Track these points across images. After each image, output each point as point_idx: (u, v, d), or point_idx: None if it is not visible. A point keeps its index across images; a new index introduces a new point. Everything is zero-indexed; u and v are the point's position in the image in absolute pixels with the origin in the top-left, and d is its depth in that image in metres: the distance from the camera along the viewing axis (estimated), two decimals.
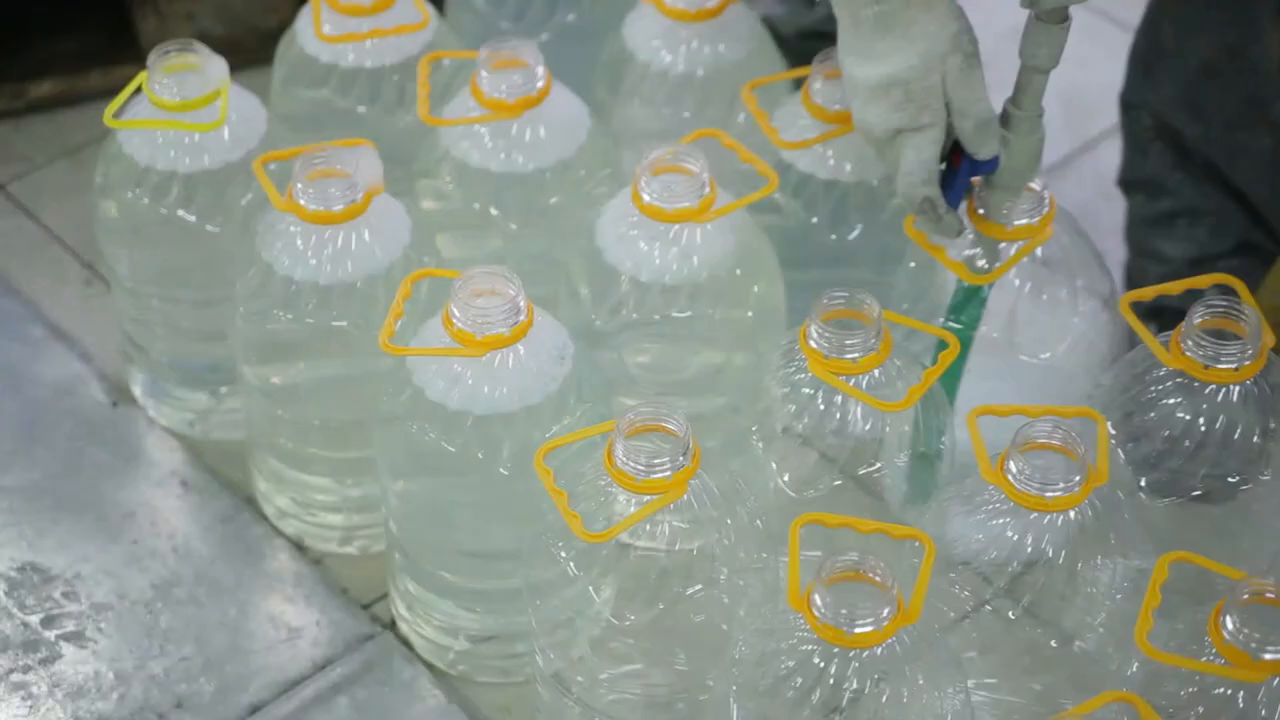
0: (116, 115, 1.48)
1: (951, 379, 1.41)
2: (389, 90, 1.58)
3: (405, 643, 1.47)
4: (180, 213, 1.49)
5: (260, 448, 1.52)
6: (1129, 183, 1.66)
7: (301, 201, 1.39)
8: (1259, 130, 1.56)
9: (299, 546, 1.53)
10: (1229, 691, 1.16)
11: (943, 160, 1.33)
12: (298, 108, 1.60)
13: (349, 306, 1.41)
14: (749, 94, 1.48)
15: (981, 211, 1.38)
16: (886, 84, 1.28)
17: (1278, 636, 1.13)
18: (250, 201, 1.49)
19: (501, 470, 1.32)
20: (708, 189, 1.39)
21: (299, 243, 1.40)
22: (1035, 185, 1.37)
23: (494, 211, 1.50)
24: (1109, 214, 1.79)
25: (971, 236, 1.39)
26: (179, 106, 1.46)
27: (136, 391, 1.63)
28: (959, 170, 1.33)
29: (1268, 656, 1.14)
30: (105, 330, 1.67)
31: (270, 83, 1.62)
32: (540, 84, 1.47)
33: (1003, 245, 1.39)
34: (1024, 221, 1.38)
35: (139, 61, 1.52)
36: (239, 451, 1.57)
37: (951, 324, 1.40)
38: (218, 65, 1.48)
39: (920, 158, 1.29)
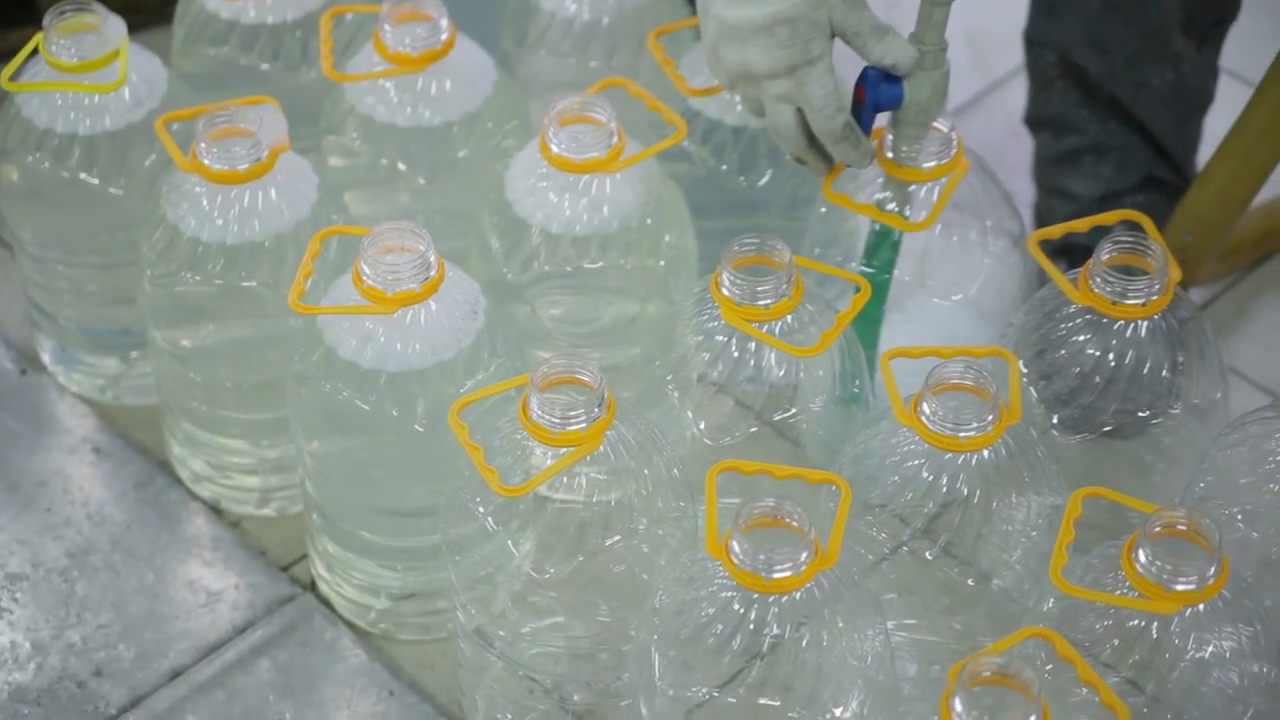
0: (13, 78, 1.46)
1: (870, 323, 1.41)
2: (292, 46, 1.57)
3: (326, 603, 1.46)
4: (82, 175, 1.47)
5: (173, 412, 1.50)
6: (1035, 121, 1.67)
7: (206, 161, 1.37)
8: (1161, 64, 1.57)
9: (215, 510, 1.52)
10: (1143, 623, 1.17)
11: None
12: (199, 66, 1.58)
13: (257, 266, 1.39)
14: (655, 41, 1.48)
15: (890, 154, 1.38)
16: (771, 23, 1.26)
17: (1189, 568, 1.15)
18: (154, 163, 1.47)
19: (417, 427, 1.32)
20: (616, 139, 1.38)
21: (205, 203, 1.38)
22: (943, 126, 1.38)
23: (402, 166, 1.49)
24: (1017, 153, 1.80)
25: (881, 180, 1.40)
26: (77, 68, 1.44)
27: (45, 359, 1.61)
28: (862, 106, 1.32)
29: (1179, 587, 1.15)
30: (11, 297, 1.65)
31: (171, 42, 1.59)
32: (444, 36, 1.46)
33: (911, 188, 1.39)
34: (933, 162, 1.38)
35: (36, 23, 1.50)
36: (152, 416, 1.56)
37: (865, 269, 1.41)
38: (116, 25, 1.46)
39: (825, 89, 1.29)
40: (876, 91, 1.31)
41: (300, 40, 1.57)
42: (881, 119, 1.35)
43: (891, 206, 1.39)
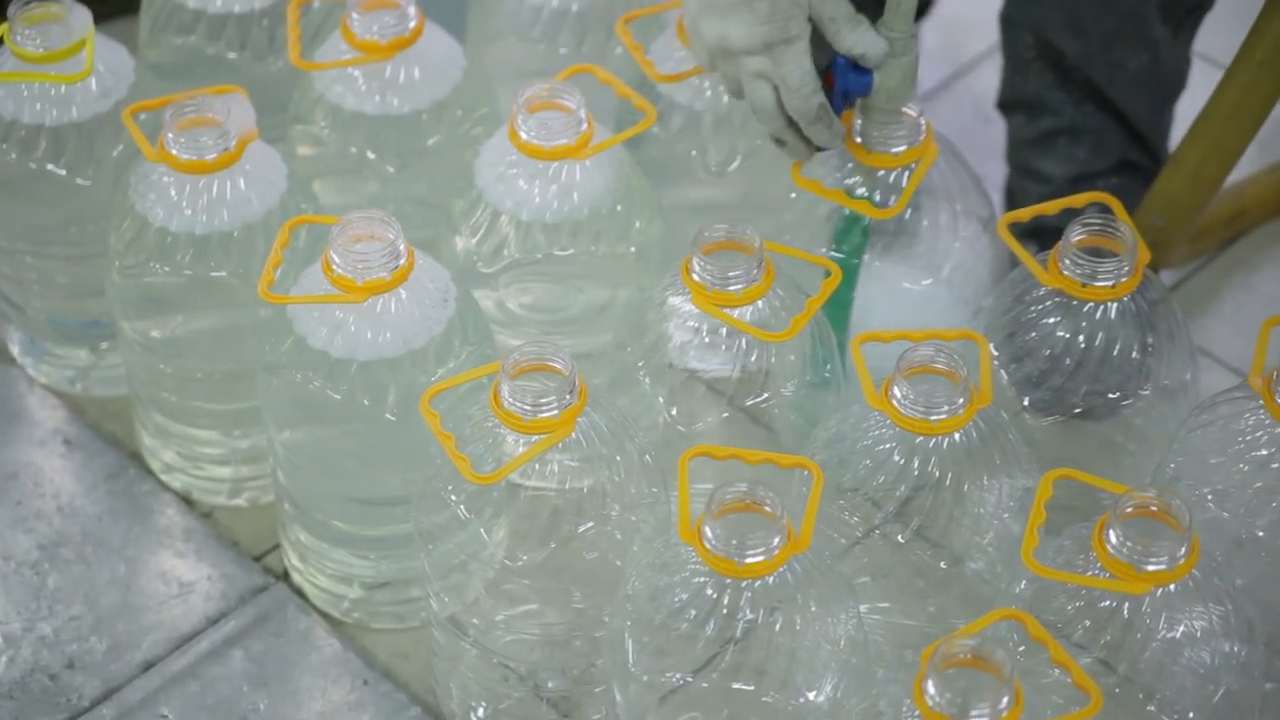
0: None
1: (841, 308, 1.41)
2: (259, 35, 1.56)
3: (299, 593, 1.46)
4: (49, 167, 1.46)
5: (143, 403, 1.50)
6: (1009, 103, 1.67)
7: (174, 151, 1.37)
8: (1138, 48, 1.58)
9: (187, 501, 1.52)
10: (1114, 604, 1.18)
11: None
12: (166, 56, 1.57)
13: (227, 256, 1.39)
14: (623, 27, 1.47)
15: (859, 140, 1.38)
16: None
17: (1160, 548, 1.15)
18: (121, 153, 1.47)
19: (388, 416, 1.32)
20: (585, 125, 1.38)
21: (173, 193, 1.38)
22: (911, 111, 1.38)
23: (371, 155, 1.49)
24: (986, 137, 1.80)
25: (850, 166, 1.40)
26: (43, 58, 1.44)
27: (14, 350, 1.60)
28: (833, 92, 1.33)
29: (1150, 568, 1.15)
30: None
31: (137, 31, 1.59)
32: (412, 24, 1.45)
33: (880, 173, 1.39)
34: (902, 148, 1.38)
35: (0, 14, 1.49)
36: (122, 407, 1.55)
37: (835, 254, 1.41)
38: (81, 15, 1.45)
39: (803, 68, 1.29)
40: (846, 79, 1.32)
41: (267, 29, 1.56)
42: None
43: (861, 192, 1.40)
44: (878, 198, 1.39)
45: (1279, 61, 1.45)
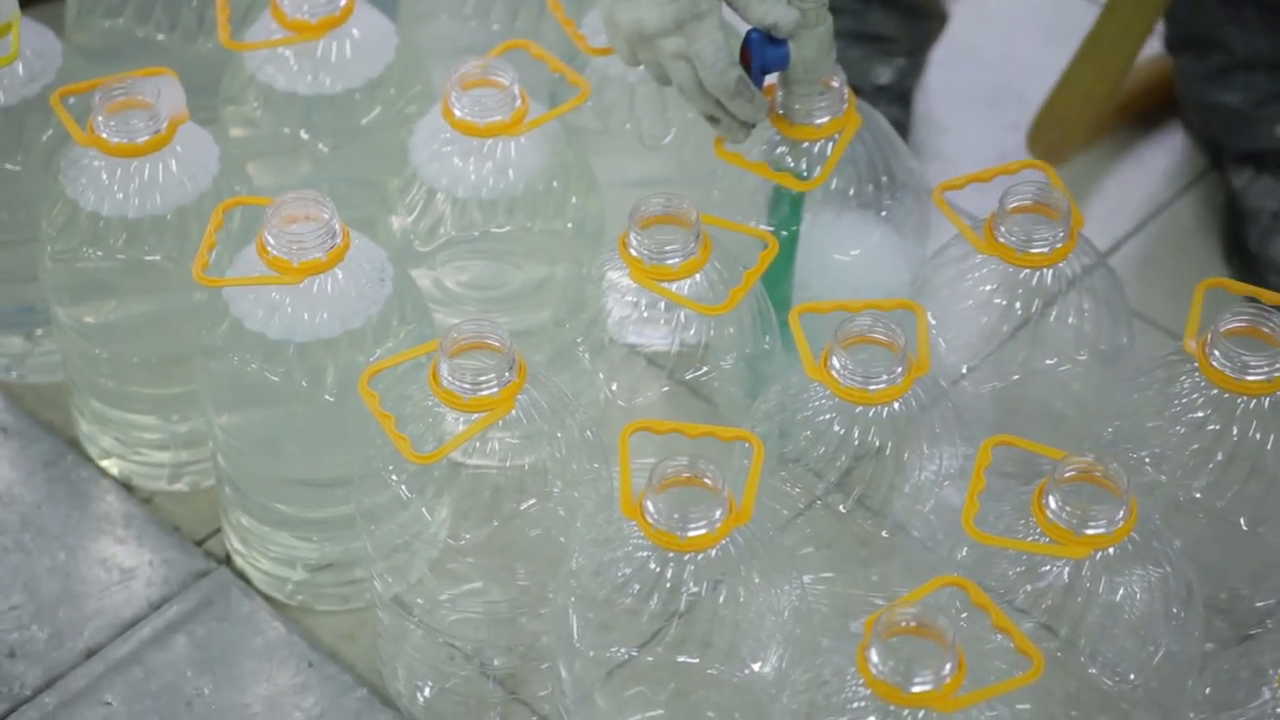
0: None
1: (781, 280, 1.41)
2: (188, 16, 1.55)
3: (242, 576, 1.45)
4: None
5: (80, 389, 1.49)
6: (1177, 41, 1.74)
7: (104, 135, 1.35)
8: None
9: (127, 486, 1.51)
10: (1055, 568, 1.18)
11: None
12: (95, 39, 1.56)
13: (160, 240, 1.38)
14: (555, 2, 1.47)
15: (782, 113, 1.38)
16: None
17: (1098, 512, 1.16)
18: (50, 137, 1.45)
19: (327, 397, 1.31)
20: (519, 101, 1.38)
21: (104, 177, 1.37)
22: (834, 82, 1.38)
23: (304, 135, 1.48)
24: (923, 106, 1.81)
25: (778, 139, 1.40)
26: None
27: None
28: (751, 69, 1.33)
29: (1089, 531, 1.16)
30: None
31: (65, 15, 1.57)
32: (343, 2, 1.44)
33: (806, 145, 1.39)
34: (825, 119, 1.38)
35: None
36: (58, 394, 1.54)
37: (767, 226, 1.41)
38: None
39: (715, 43, 1.29)
40: (762, 54, 1.32)
41: (197, 10, 1.55)
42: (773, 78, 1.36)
43: (789, 164, 1.40)
44: (805, 169, 1.39)
45: None
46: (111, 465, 1.51)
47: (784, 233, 1.40)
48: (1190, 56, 1.72)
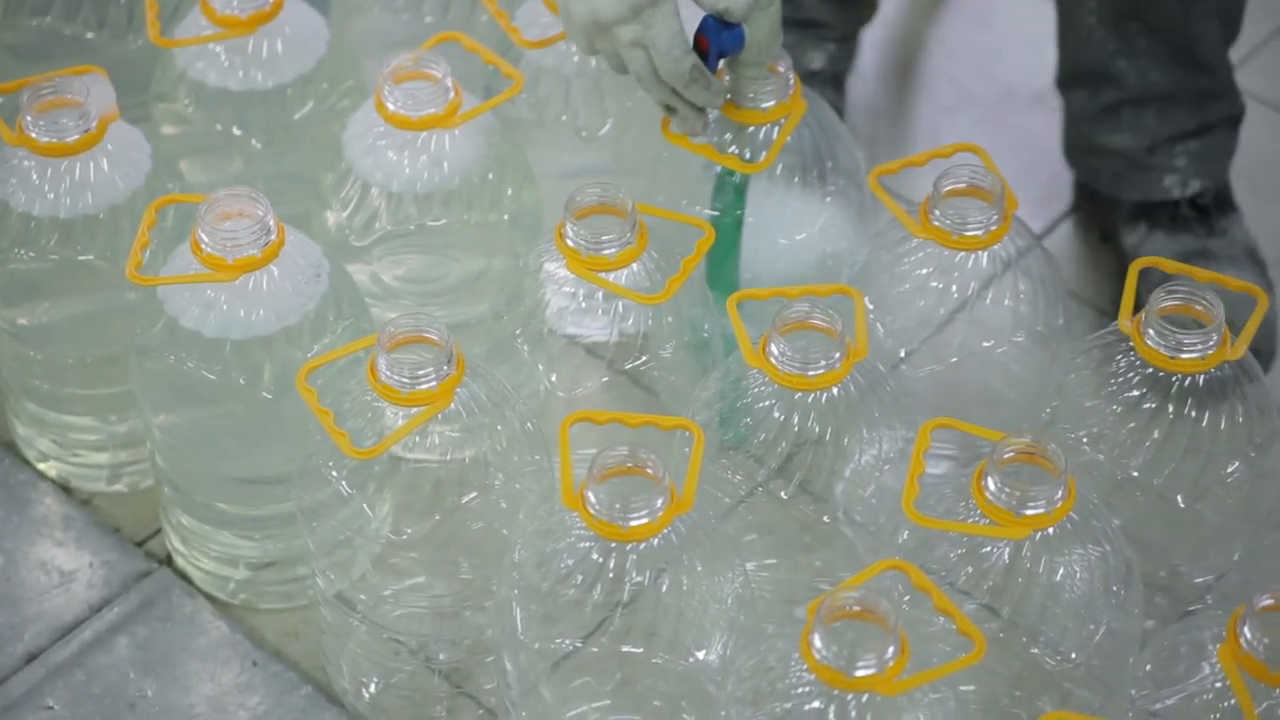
0: None
1: (728, 267, 1.41)
2: (116, 14, 1.54)
3: (183, 576, 1.44)
4: None
5: (15, 392, 1.48)
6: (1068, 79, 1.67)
7: (33, 134, 1.34)
8: None
9: (65, 489, 1.50)
10: (995, 549, 1.19)
11: None
12: (22, 37, 1.55)
13: (93, 239, 1.37)
14: None
15: (730, 97, 1.38)
16: None
17: (1037, 492, 1.17)
18: None
19: (264, 394, 1.31)
20: (453, 94, 1.37)
21: (34, 177, 1.36)
22: (780, 68, 1.38)
23: (236, 131, 1.47)
24: (856, 90, 1.81)
25: (724, 123, 1.40)
26: None
27: None
28: (707, 54, 1.33)
29: (1029, 512, 1.17)
30: None
31: None
32: None
33: (751, 129, 1.39)
34: (771, 103, 1.38)
35: None
36: None
37: (711, 211, 1.41)
38: None
39: (671, 31, 1.29)
40: (719, 38, 1.32)
41: (125, 7, 1.54)
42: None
43: (733, 149, 1.40)
44: (748, 154, 1.40)
45: None
46: (49, 468, 1.50)
47: (728, 218, 1.40)
48: (1082, 93, 1.65)
